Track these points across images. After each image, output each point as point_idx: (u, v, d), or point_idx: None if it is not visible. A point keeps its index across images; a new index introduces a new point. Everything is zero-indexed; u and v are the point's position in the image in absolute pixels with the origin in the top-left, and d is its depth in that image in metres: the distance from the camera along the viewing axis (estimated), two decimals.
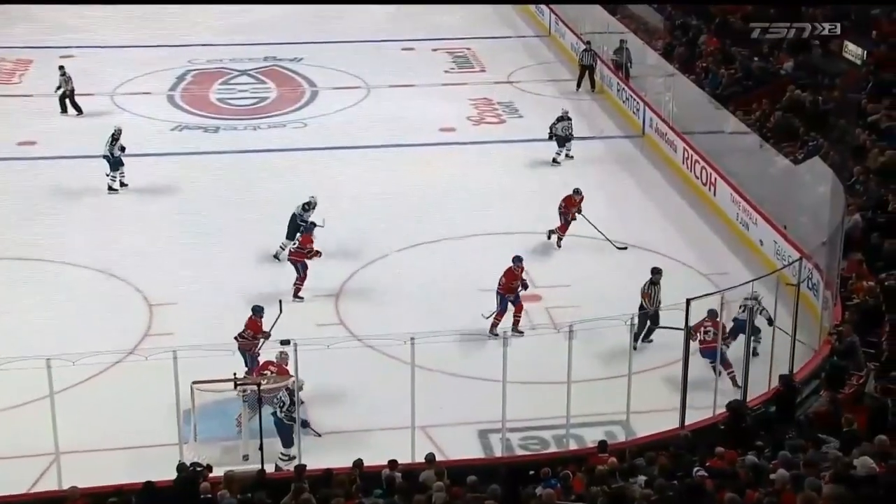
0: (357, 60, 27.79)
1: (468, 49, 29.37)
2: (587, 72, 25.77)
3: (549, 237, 18.11)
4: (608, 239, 17.88)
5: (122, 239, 18.19)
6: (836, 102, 20.34)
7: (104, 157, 19.94)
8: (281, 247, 17.19)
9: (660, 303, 14.82)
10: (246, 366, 13.71)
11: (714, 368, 13.57)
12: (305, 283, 16.20)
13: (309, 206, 17.27)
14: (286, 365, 12.95)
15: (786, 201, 17.57)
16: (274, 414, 12.47)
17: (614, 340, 13.73)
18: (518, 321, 15.19)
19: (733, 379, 13.71)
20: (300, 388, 12.37)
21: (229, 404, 12.85)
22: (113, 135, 20.07)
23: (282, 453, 12.48)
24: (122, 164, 19.96)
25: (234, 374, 12.65)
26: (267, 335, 13.97)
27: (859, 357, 13.42)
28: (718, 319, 13.59)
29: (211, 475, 11.10)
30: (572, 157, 21.82)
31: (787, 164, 18.42)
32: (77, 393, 13.26)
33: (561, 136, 21.64)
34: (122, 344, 14.46)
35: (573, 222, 18.12)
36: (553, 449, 12.91)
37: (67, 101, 23.64)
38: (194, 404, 12.41)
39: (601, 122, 24.34)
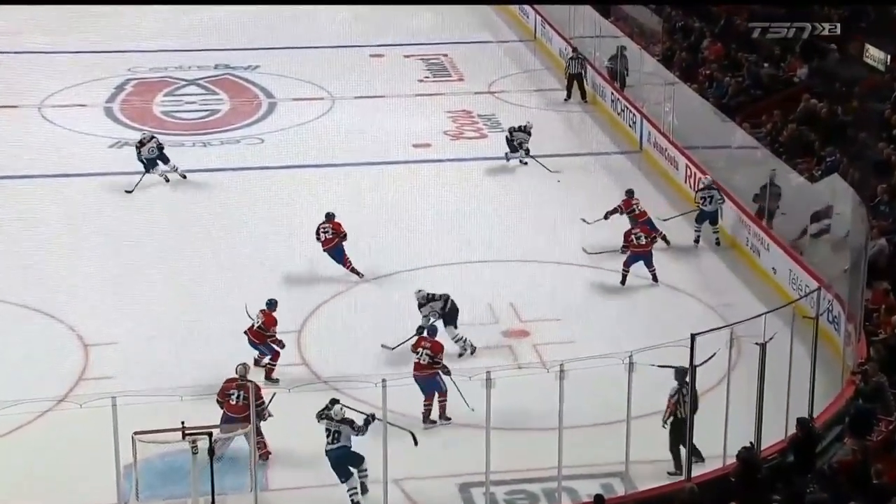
0: (320, 69, 27.87)
1: (444, 55, 29.54)
2: (576, 81, 25.96)
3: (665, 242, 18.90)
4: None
5: (52, 271, 18.07)
6: (856, 113, 20.56)
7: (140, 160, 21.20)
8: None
9: (695, 408, 13.37)
10: (262, 354, 15.08)
11: (654, 276, 17.70)
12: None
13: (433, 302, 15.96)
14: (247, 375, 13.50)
15: (802, 224, 17.71)
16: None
17: (611, 381, 13.73)
18: (428, 413, 14.25)
19: (653, 276, 17.76)
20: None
21: (177, 458, 12.76)
22: (140, 140, 21.19)
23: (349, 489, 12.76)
24: (153, 166, 21.18)
25: (182, 422, 12.53)
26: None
27: (887, 399, 13.49)
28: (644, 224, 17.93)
29: None
30: (526, 163, 22.28)
31: (803, 181, 18.59)
32: (1, 447, 13.12)
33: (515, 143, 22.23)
34: (53, 390, 14.34)
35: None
36: None
37: None
38: (136, 458, 12.28)
39: (593, 136, 24.52)
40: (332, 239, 17.74)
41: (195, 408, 13.50)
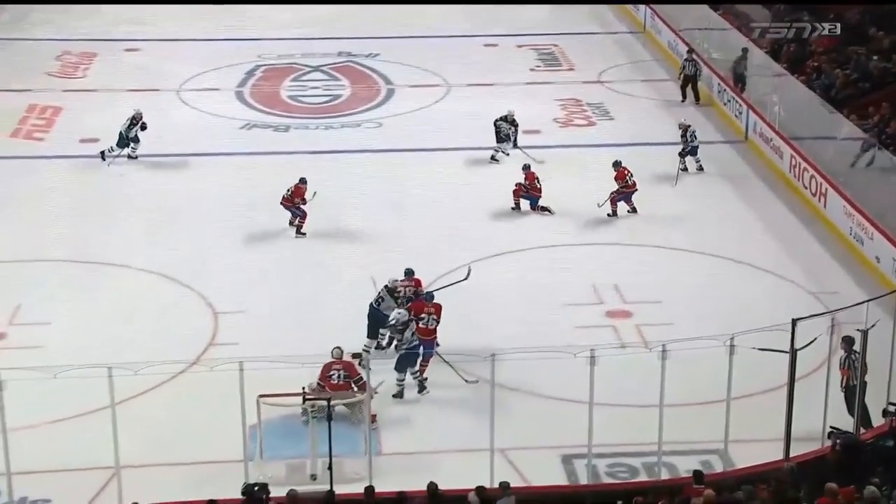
0: (436, 57, 27.96)
1: (555, 46, 29.34)
2: (690, 83, 25.21)
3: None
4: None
5: (185, 242, 18.50)
6: None
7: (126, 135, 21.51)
8: (365, 348, 15.02)
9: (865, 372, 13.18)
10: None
11: (634, 209, 19.59)
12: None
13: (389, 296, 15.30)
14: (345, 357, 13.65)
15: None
16: (396, 347, 14.24)
17: (711, 362, 13.56)
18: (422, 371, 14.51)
19: (633, 209, 19.56)
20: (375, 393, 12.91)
21: (297, 420, 13.02)
22: (133, 118, 21.41)
23: (397, 380, 14.07)
24: (126, 146, 21.50)
25: (304, 388, 12.81)
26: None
27: None
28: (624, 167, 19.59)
29: (276, 495, 11.23)
30: (507, 153, 21.87)
31: None
32: (138, 404, 13.51)
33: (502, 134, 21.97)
34: (185, 353, 14.74)
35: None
36: (643, 478, 12.81)
37: None
38: (260, 419, 12.57)
39: (699, 126, 24.08)
40: (290, 199, 18.68)
41: (315, 374, 13.78)
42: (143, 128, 21.61)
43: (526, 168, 19.97)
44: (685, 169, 21.35)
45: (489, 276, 17.52)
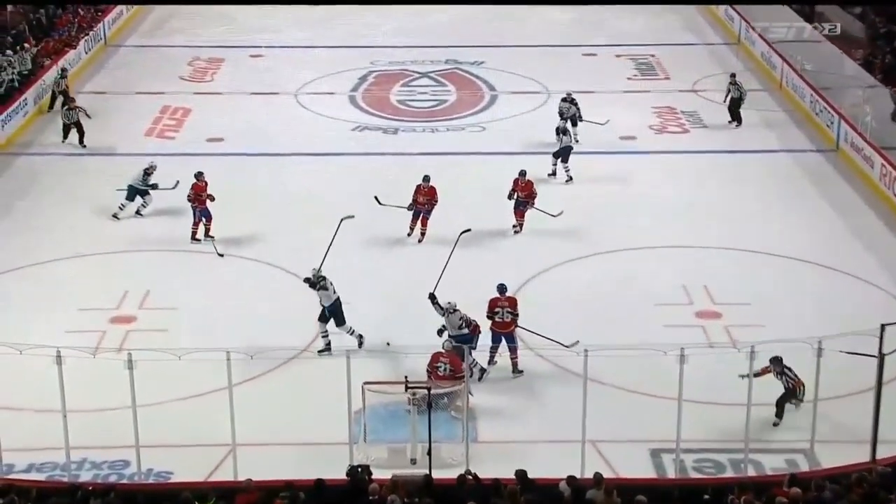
0: (537, 65, 27.72)
1: (652, 56, 28.84)
2: (735, 106, 23.70)
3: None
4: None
5: (301, 236, 18.52)
6: None
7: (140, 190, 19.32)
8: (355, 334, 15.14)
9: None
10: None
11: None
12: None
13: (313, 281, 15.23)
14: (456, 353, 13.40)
15: None
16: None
17: (800, 364, 13.14)
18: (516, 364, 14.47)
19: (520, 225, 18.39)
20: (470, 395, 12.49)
21: (399, 406, 12.99)
22: (146, 170, 19.40)
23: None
24: (136, 196, 19.34)
25: (406, 377, 12.78)
26: None
27: None
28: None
29: (377, 477, 11.21)
30: (577, 140, 21.68)
31: None
32: (253, 386, 13.58)
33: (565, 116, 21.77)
34: (296, 341, 14.83)
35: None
36: (730, 473, 12.46)
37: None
38: (365, 405, 12.57)
39: (790, 135, 23.47)
40: (192, 199, 18.17)
41: (416, 363, 13.74)
42: (154, 187, 19.32)
43: (426, 179, 18.56)
44: (554, 174, 20.71)
45: (584, 274, 17.31)
